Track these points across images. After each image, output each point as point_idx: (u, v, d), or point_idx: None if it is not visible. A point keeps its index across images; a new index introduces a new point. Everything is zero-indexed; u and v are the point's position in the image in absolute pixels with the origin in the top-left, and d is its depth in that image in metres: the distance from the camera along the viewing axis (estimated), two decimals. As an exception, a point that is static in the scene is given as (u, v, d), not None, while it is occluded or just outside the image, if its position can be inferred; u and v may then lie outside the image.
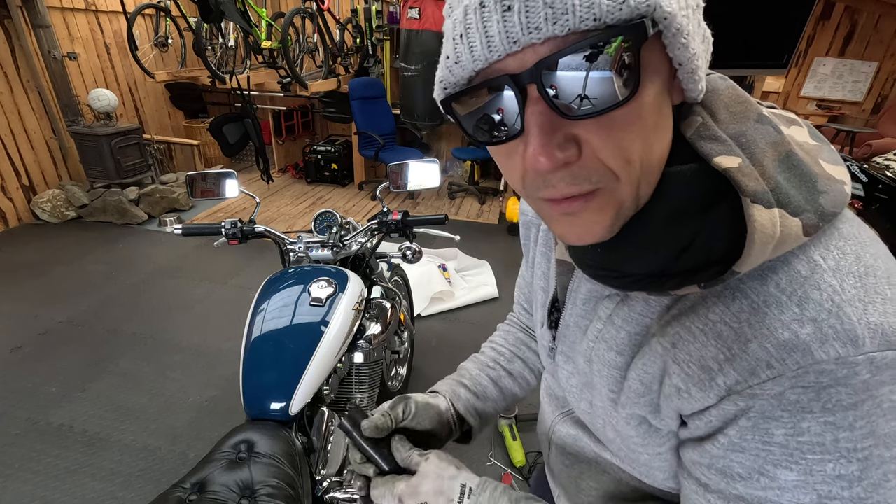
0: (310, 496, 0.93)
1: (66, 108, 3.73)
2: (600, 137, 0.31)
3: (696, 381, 0.35)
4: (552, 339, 0.55)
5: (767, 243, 0.30)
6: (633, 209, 0.35)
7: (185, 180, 2.01)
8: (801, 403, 0.31)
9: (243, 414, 1.05)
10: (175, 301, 2.79)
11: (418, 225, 1.40)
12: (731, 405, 0.34)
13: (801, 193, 0.32)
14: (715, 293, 0.35)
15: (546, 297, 0.56)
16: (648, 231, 0.35)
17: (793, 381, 0.31)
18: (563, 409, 0.61)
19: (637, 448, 0.47)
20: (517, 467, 1.77)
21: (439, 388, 0.67)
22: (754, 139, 0.34)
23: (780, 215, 0.30)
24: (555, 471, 0.64)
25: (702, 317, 0.35)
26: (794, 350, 0.30)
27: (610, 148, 0.31)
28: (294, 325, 1.13)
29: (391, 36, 4.70)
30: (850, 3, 4.14)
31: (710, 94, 0.36)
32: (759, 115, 0.35)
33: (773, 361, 0.31)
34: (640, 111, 0.30)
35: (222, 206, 4.20)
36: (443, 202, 4.64)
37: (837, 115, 4.54)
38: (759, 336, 0.32)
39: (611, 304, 0.44)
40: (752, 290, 0.33)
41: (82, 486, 1.64)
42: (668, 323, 0.38)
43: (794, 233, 0.31)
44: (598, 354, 0.45)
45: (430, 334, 2.54)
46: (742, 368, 0.33)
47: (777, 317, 0.32)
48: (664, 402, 0.40)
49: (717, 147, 0.33)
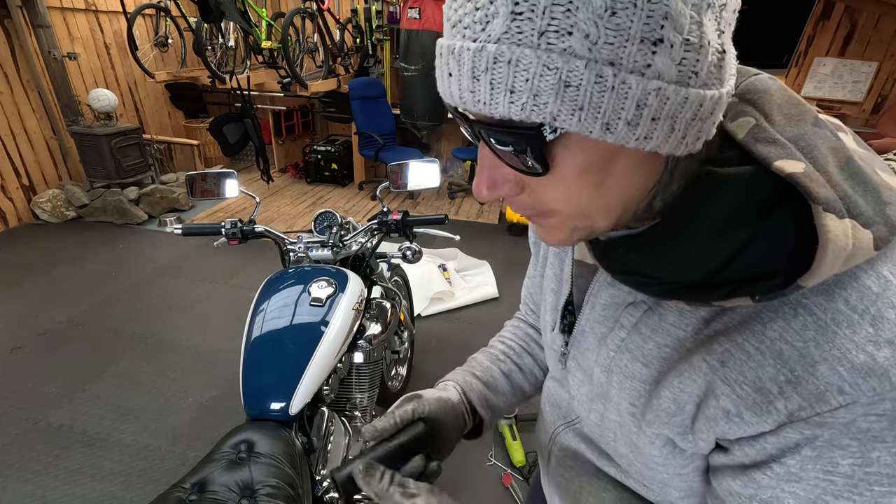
0: (310, 496, 0.93)
1: (66, 108, 3.73)
2: (535, 184, 0.33)
3: (751, 405, 0.33)
4: (564, 345, 0.52)
5: (839, 256, 0.28)
6: (592, 232, 0.36)
7: (185, 180, 2.01)
8: (872, 432, 0.29)
9: (243, 414, 1.05)
10: (175, 301, 2.78)
11: (418, 225, 1.40)
12: (794, 433, 0.31)
13: (869, 204, 0.30)
14: (771, 308, 0.32)
15: (558, 299, 0.53)
16: (695, 236, 0.33)
17: (866, 409, 0.29)
18: (566, 419, 0.59)
19: (656, 467, 0.45)
20: (517, 467, 1.78)
21: (451, 377, 0.65)
22: (814, 143, 0.31)
23: (852, 226, 0.28)
24: (553, 484, 0.62)
25: (757, 333, 0.33)
26: (871, 374, 0.28)
27: (545, 193, 0.33)
28: (294, 325, 1.13)
29: (391, 36, 4.70)
30: (850, 3, 4.13)
31: (762, 94, 0.34)
32: (816, 118, 0.33)
33: (847, 387, 0.29)
34: (565, 182, 0.32)
35: (222, 206, 4.20)
36: (443, 202, 4.64)
37: (837, 115, 4.53)
38: (829, 358, 0.29)
39: (636, 311, 0.41)
40: (818, 307, 0.31)
41: (82, 486, 1.64)
42: (710, 338, 0.36)
43: (865, 246, 0.29)
44: (621, 365, 0.43)
45: (430, 334, 2.54)
46: (808, 393, 0.30)
47: (849, 337, 0.29)
48: (704, 424, 0.37)
49: (777, 150, 0.31)
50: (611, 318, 0.44)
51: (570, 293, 0.51)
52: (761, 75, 0.36)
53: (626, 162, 0.31)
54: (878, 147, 3.63)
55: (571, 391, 0.53)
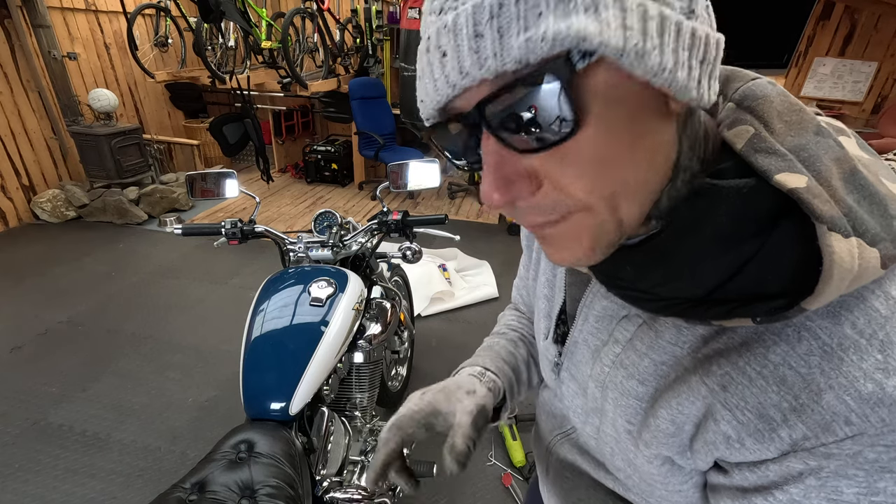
0: (310, 496, 0.93)
1: (66, 108, 3.73)
2: (558, 169, 0.29)
3: (752, 432, 0.32)
4: (558, 355, 0.51)
5: (845, 278, 0.27)
6: (617, 233, 0.32)
7: (185, 180, 2.01)
8: (880, 463, 0.28)
9: (243, 414, 1.05)
10: (175, 301, 2.78)
11: (418, 225, 1.40)
12: (797, 463, 0.30)
13: (875, 219, 0.28)
14: (774, 330, 0.31)
15: (551, 306, 0.52)
16: (692, 250, 0.32)
17: (874, 440, 0.28)
18: (562, 429, 0.58)
19: (655, 483, 0.44)
20: (517, 467, 1.78)
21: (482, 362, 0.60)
22: (817, 154, 0.29)
23: (857, 245, 0.27)
24: (552, 493, 0.62)
25: (759, 357, 0.32)
26: (880, 405, 0.27)
27: (570, 179, 0.29)
28: (294, 325, 1.13)
29: (391, 36, 4.69)
30: (850, 3, 4.13)
31: (761, 101, 0.32)
32: (818, 126, 0.31)
33: (854, 417, 0.28)
34: (594, 142, 0.28)
35: (222, 206, 4.20)
36: (443, 202, 4.64)
37: (837, 115, 4.53)
38: (835, 386, 0.28)
39: (631, 326, 0.40)
40: (823, 331, 0.29)
41: (82, 486, 1.64)
42: (709, 358, 0.34)
43: (871, 265, 0.27)
44: (616, 382, 0.42)
45: (430, 334, 2.54)
46: (813, 422, 0.29)
47: (857, 364, 0.28)
48: (703, 446, 0.36)
49: (778, 162, 0.29)
50: (604, 331, 0.43)
51: (563, 302, 0.50)
52: (760, 80, 0.34)
53: (649, 124, 0.29)
54: (878, 147, 3.63)
55: (565, 402, 0.52)
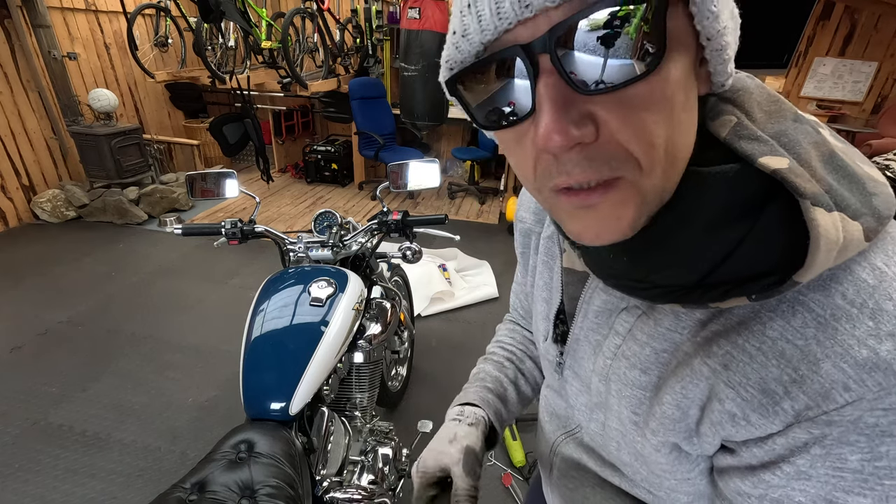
0: (310, 496, 0.93)
1: (66, 108, 3.73)
2: (620, 117, 0.27)
3: (756, 407, 0.32)
4: (559, 354, 0.52)
5: (832, 250, 0.28)
6: (656, 204, 0.32)
7: (185, 180, 2.01)
8: (880, 427, 0.28)
9: (243, 414, 1.04)
10: (175, 301, 2.78)
11: (418, 225, 1.40)
12: (802, 433, 0.31)
13: (855, 196, 0.30)
14: (769, 307, 0.32)
15: (549, 308, 0.53)
16: (684, 237, 0.32)
17: (872, 404, 0.28)
18: (566, 429, 0.58)
19: (663, 474, 0.44)
20: (517, 467, 1.78)
21: (469, 397, 0.64)
22: (796, 139, 0.31)
23: (840, 219, 0.28)
24: (556, 494, 0.62)
25: (757, 334, 0.32)
26: (875, 370, 0.28)
27: (631, 129, 0.28)
28: (294, 325, 1.13)
29: (391, 36, 4.70)
30: (850, 3, 4.13)
31: (741, 92, 0.34)
32: (796, 114, 0.33)
33: (852, 383, 0.29)
34: (664, 88, 0.27)
35: (222, 206, 4.20)
36: (443, 202, 4.64)
37: (837, 115, 4.53)
38: (831, 355, 0.29)
39: (630, 317, 0.41)
40: (816, 303, 0.30)
41: (82, 486, 1.64)
42: (709, 340, 0.35)
43: (855, 238, 0.29)
44: (619, 373, 0.42)
45: (430, 334, 2.54)
46: (814, 392, 0.30)
47: (850, 332, 0.29)
48: (709, 428, 0.36)
49: (761, 147, 0.30)
50: (604, 325, 0.44)
51: (560, 302, 0.51)
52: (738, 74, 0.35)
53: (692, 93, 0.30)
54: (878, 147, 3.62)
55: (570, 401, 0.52)
